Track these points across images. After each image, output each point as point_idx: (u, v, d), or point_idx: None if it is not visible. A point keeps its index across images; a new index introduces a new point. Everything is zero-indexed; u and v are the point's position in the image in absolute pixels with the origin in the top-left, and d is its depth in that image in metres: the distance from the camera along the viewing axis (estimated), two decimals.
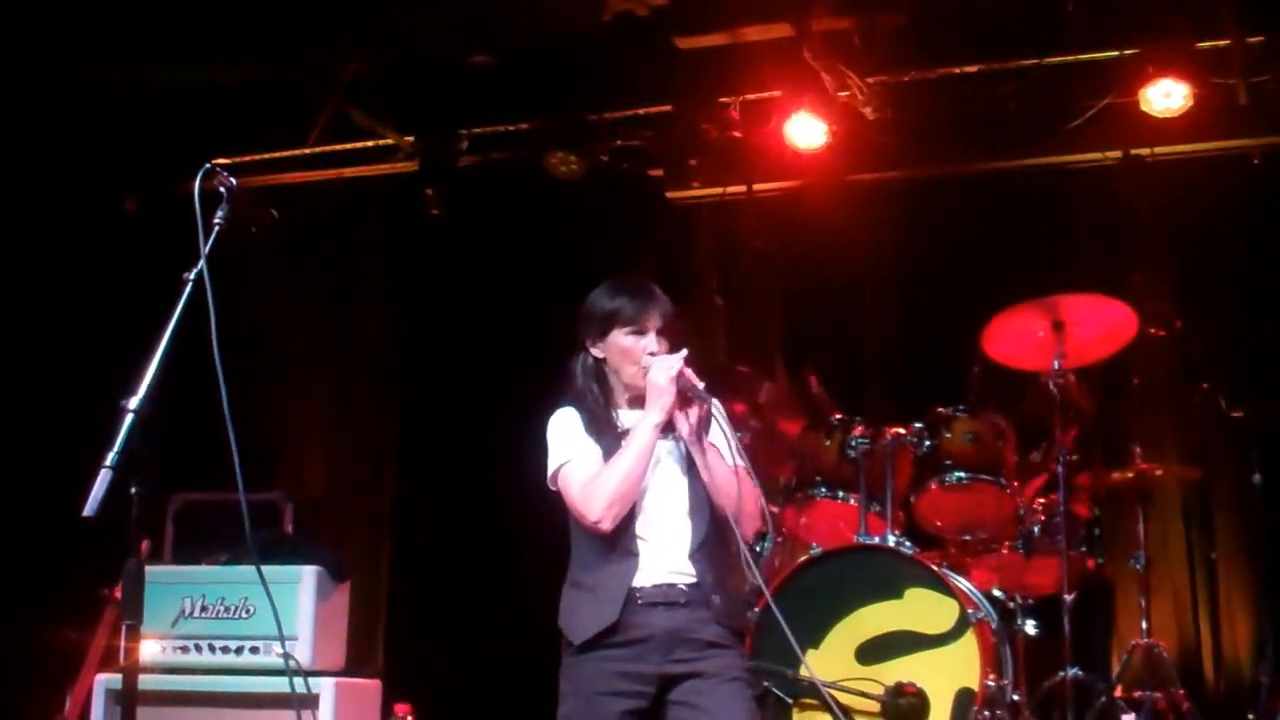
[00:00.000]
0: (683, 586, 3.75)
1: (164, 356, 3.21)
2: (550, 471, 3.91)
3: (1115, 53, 7.24)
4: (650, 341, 3.87)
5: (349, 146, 8.50)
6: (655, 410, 3.75)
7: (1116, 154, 7.41)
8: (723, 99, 7.84)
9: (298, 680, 5.09)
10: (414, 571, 8.43)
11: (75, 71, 7.50)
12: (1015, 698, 6.00)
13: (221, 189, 3.46)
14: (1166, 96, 7.05)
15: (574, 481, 3.83)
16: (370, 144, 8.46)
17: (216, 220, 3.43)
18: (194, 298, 3.37)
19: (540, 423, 7.96)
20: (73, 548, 5.51)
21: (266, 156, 8.57)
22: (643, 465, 3.75)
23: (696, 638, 3.74)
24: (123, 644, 3.08)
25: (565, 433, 3.94)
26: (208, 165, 3.42)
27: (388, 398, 8.73)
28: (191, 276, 3.35)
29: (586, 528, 3.79)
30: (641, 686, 3.71)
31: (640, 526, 3.79)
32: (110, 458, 3.01)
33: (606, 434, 3.88)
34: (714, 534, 3.82)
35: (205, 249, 3.37)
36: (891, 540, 6.12)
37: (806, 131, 7.53)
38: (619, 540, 3.77)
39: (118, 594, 5.08)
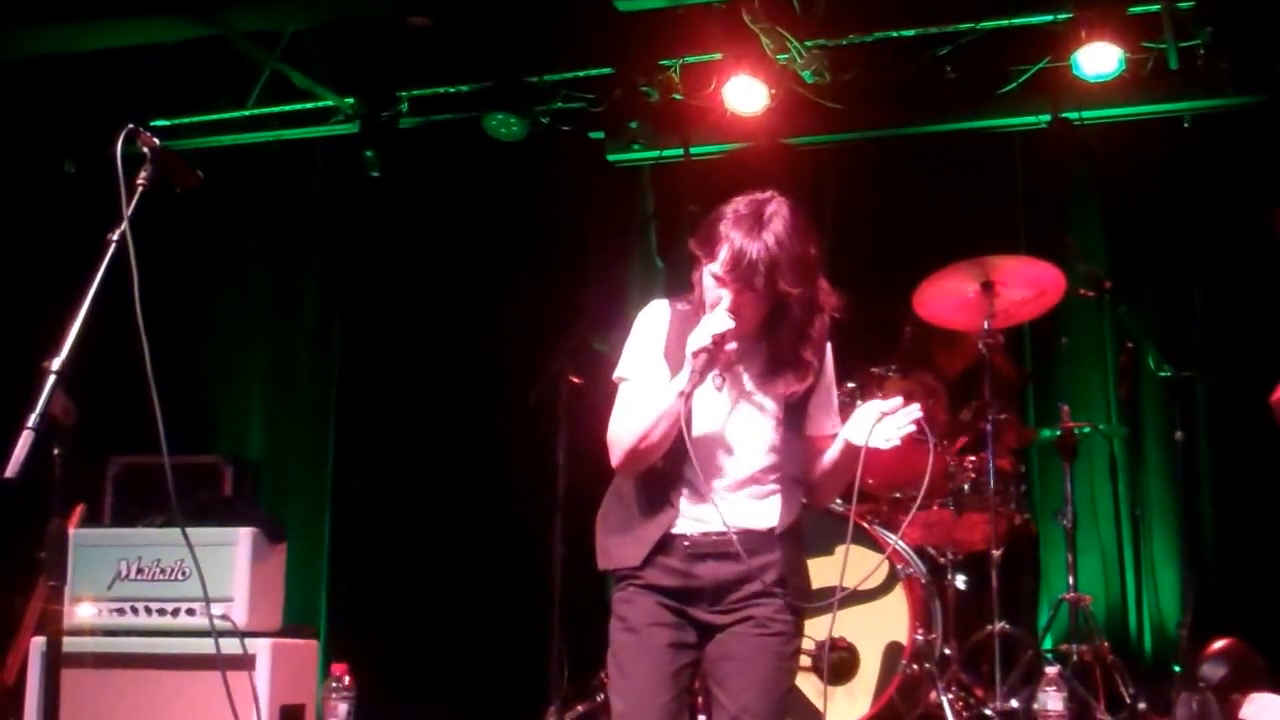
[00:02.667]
0: (735, 537, 3.44)
1: (86, 317, 3.19)
2: (615, 375, 3.65)
3: (1049, 17, 7.28)
4: (728, 300, 3.45)
5: (288, 108, 8.47)
6: (683, 377, 3.42)
7: (1049, 118, 7.47)
8: (663, 62, 7.85)
9: (234, 641, 5.14)
10: (354, 533, 8.45)
11: (10, 31, 7.45)
12: (946, 651, 6.11)
13: (145, 150, 3.45)
14: (1099, 61, 7.11)
15: (615, 410, 3.58)
16: (310, 105, 8.43)
17: (140, 181, 3.41)
18: (118, 258, 3.35)
19: (480, 387, 7.99)
20: (4, 510, 5.52)
21: (206, 118, 8.55)
22: (664, 429, 3.42)
23: (747, 589, 3.51)
24: (46, 605, 3.11)
25: (641, 339, 3.65)
26: (130, 126, 3.41)
27: (328, 359, 8.72)
28: (115, 238, 3.33)
29: None
30: (688, 626, 3.53)
31: (696, 478, 3.49)
32: (32, 419, 3.01)
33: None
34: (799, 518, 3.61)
35: (128, 210, 3.36)
36: None
37: (746, 95, 7.56)
38: (667, 483, 3.53)
39: None
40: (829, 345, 3.63)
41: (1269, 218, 5.91)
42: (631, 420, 3.51)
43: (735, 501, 3.53)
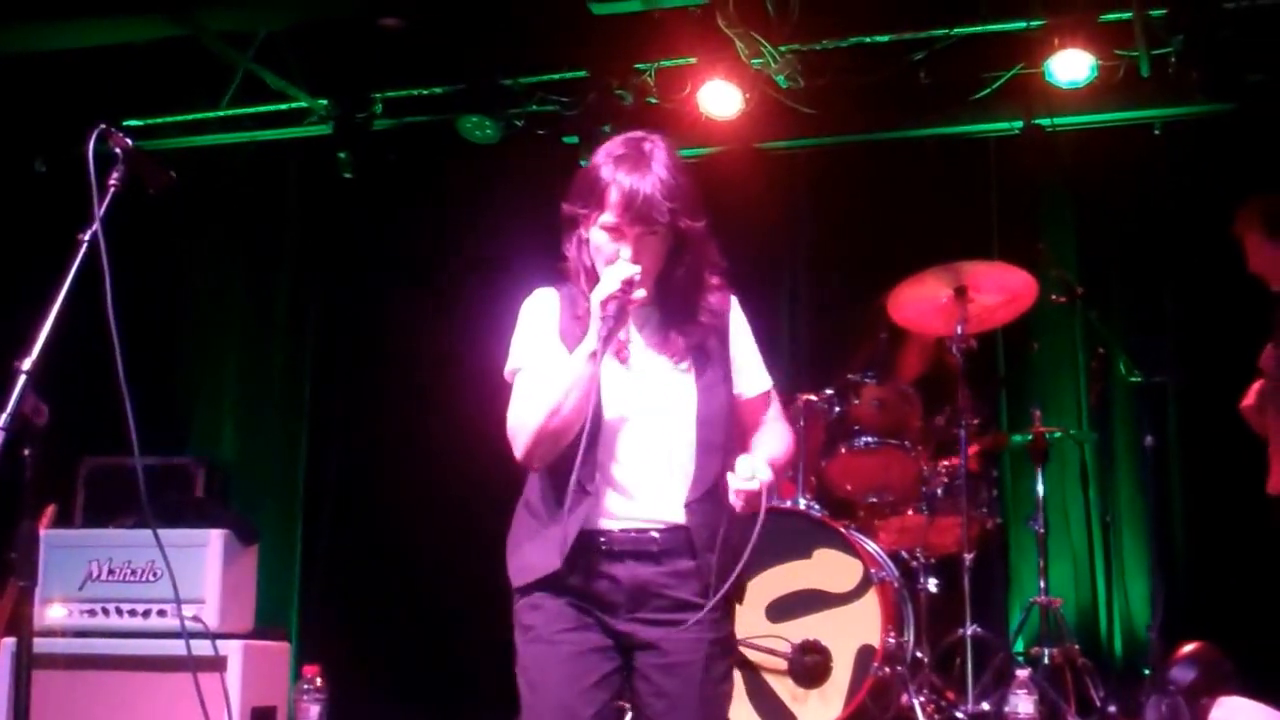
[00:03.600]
0: (655, 534, 3.19)
1: (57, 318, 3.18)
2: (506, 371, 3.35)
3: (1022, 24, 7.30)
4: (629, 250, 3.17)
5: (262, 109, 8.45)
6: (591, 337, 3.12)
7: (1021, 124, 7.50)
8: (637, 65, 7.85)
9: (206, 643, 5.14)
10: (327, 534, 8.44)
11: None
12: (919, 654, 6.13)
13: (117, 150, 3.44)
14: (1071, 68, 7.14)
15: (513, 401, 3.28)
16: (284, 107, 8.41)
17: (111, 181, 3.41)
18: (90, 259, 3.34)
19: (453, 388, 8.00)
20: None
21: (180, 119, 8.52)
22: (575, 400, 3.11)
23: (670, 595, 3.20)
24: (16, 607, 3.11)
25: (530, 326, 3.37)
26: (102, 126, 3.40)
27: (301, 362, 8.70)
28: (86, 238, 3.32)
29: None
30: (604, 633, 3.20)
31: (611, 461, 3.21)
32: (2, 419, 2.99)
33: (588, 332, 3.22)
34: (720, 485, 3.18)
35: (100, 210, 3.35)
36: (802, 503, 6.24)
37: (720, 99, 7.58)
38: (576, 466, 3.12)
39: None
40: (734, 298, 3.40)
41: (1235, 221, 5.95)
42: (536, 400, 3.18)
43: (654, 487, 3.22)
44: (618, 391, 3.24)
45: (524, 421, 3.21)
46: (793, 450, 3.43)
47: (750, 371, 3.40)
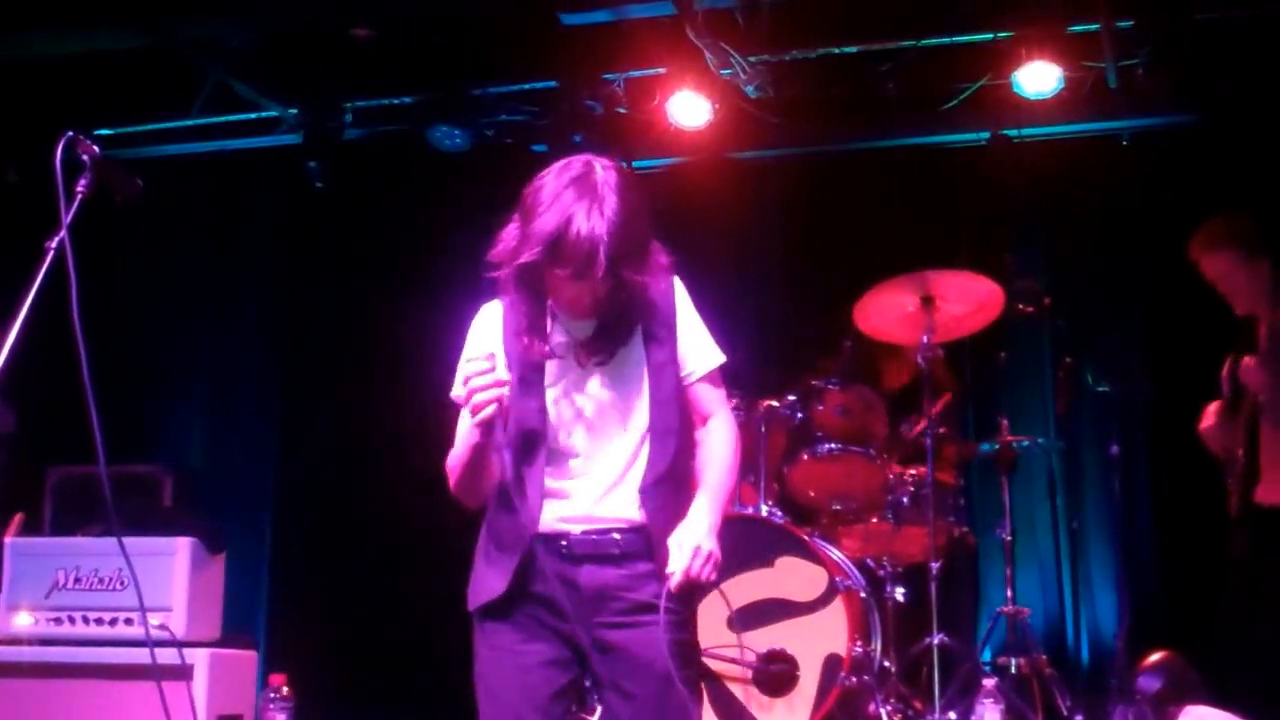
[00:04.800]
0: (616, 535, 3.18)
1: (24, 326, 3.17)
2: (451, 394, 3.22)
3: (990, 35, 7.35)
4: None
5: (232, 118, 8.44)
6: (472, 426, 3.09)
7: (988, 135, 7.54)
8: (607, 76, 7.87)
9: (172, 651, 5.12)
10: (296, 543, 8.43)
11: None
12: (886, 664, 6.15)
13: (85, 158, 3.45)
14: (1039, 79, 7.19)
15: (457, 432, 3.26)
16: (254, 116, 8.41)
17: (79, 189, 3.41)
18: (57, 266, 3.34)
19: (425, 396, 7.94)
20: None
21: (150, 128, 8.51)
22: (475, 472, 3.19)
23: (629, 598, 3.17)
24: None
25: (469, 349, 3.31)
26: (69, 134, 3.40)
27: (271, 370, 8.70)
28: (53, 245, 3.32)
29: None
30: (563, 644, 3.19)
31: (566, 460, 3.21)
32: None
33: (532, 350, 3.21)
34: (676, 469, 3.21)
35: (67, 218, 3.35)
36: (764, 510, 6.24)
37: (689, 109, 7.60)
38: (529, 474, 3.17)
39: None
40: (676, 278, 3.32)
41: (1198, 242, 5.99)
42: (453, 454, 3.24)
43: (611, 481, 3.20)
44: (568, 390, 3.24)
45: (448, 471, 3.27)
46: (736, 450, 3.34)
47: (698, 350, 3.34)
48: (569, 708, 3.23)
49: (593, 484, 3.21)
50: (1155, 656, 6.19)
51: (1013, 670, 6.30)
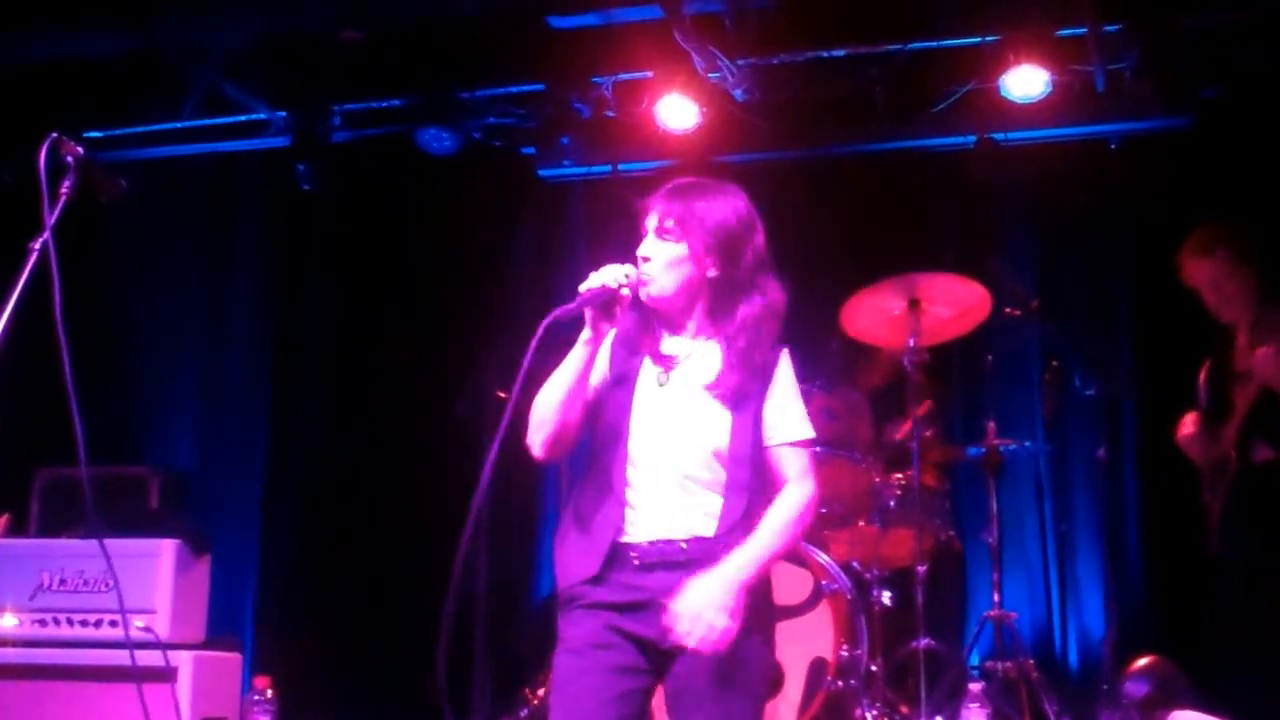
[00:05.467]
0: (683, 545, 3.31)
1: (8, 327, 3.17)
2: None
3: (978, 39, 7.35)
4: (646, 245, 3.40)
5: (221, 121, 8.42)
6: (588, 326, 3.32)
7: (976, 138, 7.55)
8: (595, 78, 7.87)
9: (156, 653, 5.11)
10: (283, 546, 8.42)
11: None
12: (872, 668, 6.14)
13: (69, 159, 3.45)
14: (1027, 83, 7.18)
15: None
16: (242, 119, 8.39)
17: (63, 190, 3.42)
18: (42, 267, 3.34)
19: (412, 399, 7.92)
20: None
21: (139, 130, 8.49)
22: (564, 385, 3.30)
23: None
24: None
25: None
26: (54, 135, 3.41)
27: (259, 373, 8.69)
28: (37, 246, 3.33)
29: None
30: (637, 650, 3.31)
31: (642, 478, 3.35)
32: None
33: (635, 354, 3.45)
34: (747, 523, 3.33)
35: (51, 219, 3.36)
36: None
37: (677, 112, 7.60)
38: (612, 487, 3.36)
39: None
40: (785, 351, 3.50)
41: (1177, 266, 6.01)
42: (549, 383, 3.35)
43: (681, 504, 3.34)
44: (652, 414, 3.39)
45: (531, 414, 3.36)
46: (799, 517, 3.40)
47: (784, 420, 3.44)
48: (635, 712, 3.32)
49: (665, 506, 3.34)
50: (1142, 661, 6.21)
51: (999, 675, 6.29)
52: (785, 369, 3.49)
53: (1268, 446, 5.75)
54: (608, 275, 3.29)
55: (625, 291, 3.31)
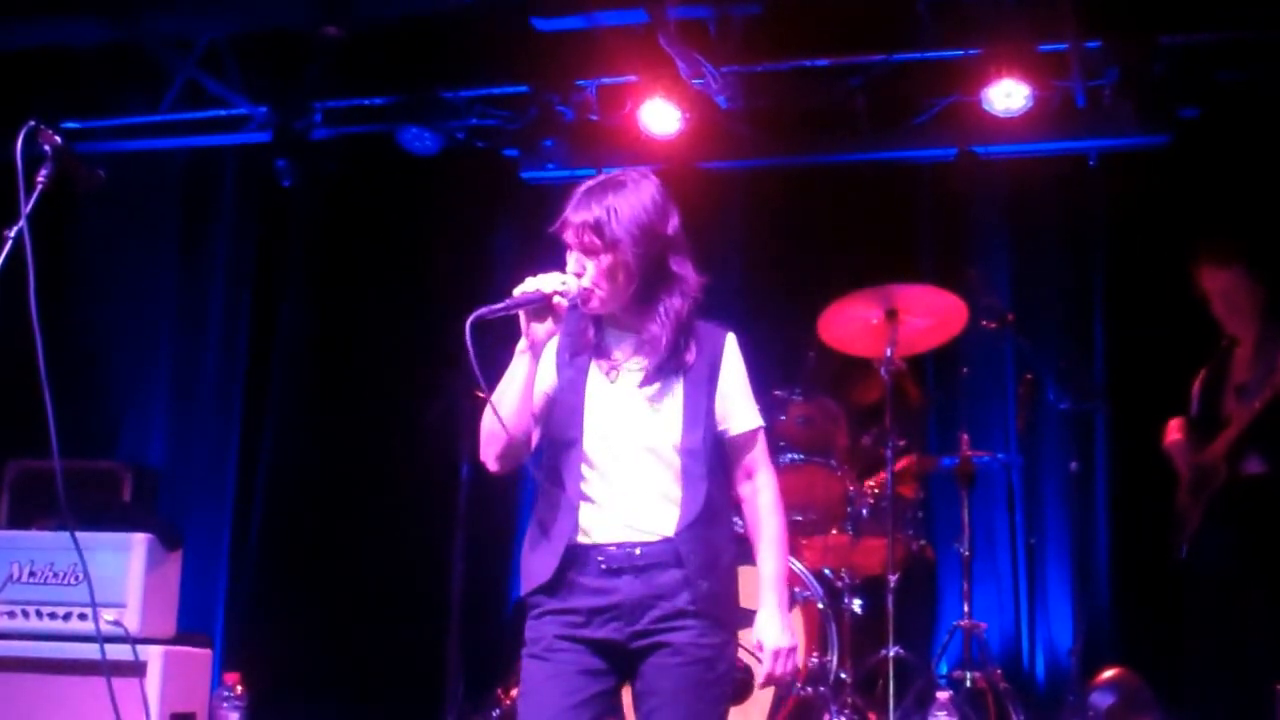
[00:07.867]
0: (645, 548, 3.29)
1: None
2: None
3: (960, 52, 7.37)
4: (574, 261, 3.35)
5: (201, 115, 8.40)
6: (522, 336, 3.30)
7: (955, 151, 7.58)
8: (579, 82, 7.87)
9: (125, 647, 5.09)
10: (254, 541, 8.40)
11: None
12: (842, 675, 6.15)
13: (46, 148, 3.44)
14: (1008, 97, 7.20)
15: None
16: (223, 113, 8.37)
17: (39, 179, 3.40)
18: (15, 256, 3.32)
19: (386, 396, 7.88)
20: None
21: (118, 122, 8.46)
22: (509, 398, 3.27)
23: (665, 606, 3.28)
24: None
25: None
26: (31, 124, 3.40)
27: (234, 368, 8.68)
28: (11, 234, 3.31)
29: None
30: (602, 653, 3.30)
31: (600, 479, 3.33)
32: None
33: (579, 355, 3.42)
34: (708, 513, 3.34)
35: (27, 208, 3.35)
36: None
37: (660, 117, 7.60)
38: (569, 491, 3.33)
39: None
40: (731, 335, 3.49)
41: (1194, 268, 6.04)
42: (498, 389, 3.32)
43: (641, 501, 3.32)
44: (603, 411, 3.37)
45: (491, 402, 3.31)
46: (784, 519, 3.53)
47: (738, 409, 3.45)
48: (600, 714, 3.32)
49: (626, 505, 3.33)
50: (1109, 673, 6.24)
51: (968, 684, 6.31)
52: (732, 354, 3.48)
53: (1261, 460, 5.79)
54: (544, 282, 3.26)
55: (561, 300, 3.27)
